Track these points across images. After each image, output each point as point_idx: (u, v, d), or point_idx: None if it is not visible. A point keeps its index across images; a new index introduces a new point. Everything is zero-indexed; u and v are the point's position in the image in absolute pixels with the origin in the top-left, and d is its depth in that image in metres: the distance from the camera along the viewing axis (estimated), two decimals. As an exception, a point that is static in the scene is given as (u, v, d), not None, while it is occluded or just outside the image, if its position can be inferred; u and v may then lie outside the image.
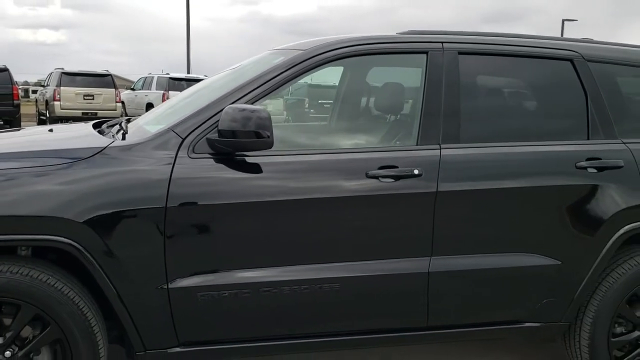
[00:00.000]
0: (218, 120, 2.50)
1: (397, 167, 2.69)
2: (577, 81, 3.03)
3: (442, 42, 2.91)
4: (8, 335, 2.41)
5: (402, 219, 2.73)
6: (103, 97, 17.85)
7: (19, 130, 3.66)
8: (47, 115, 18.13)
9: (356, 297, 2.72)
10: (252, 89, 2.67)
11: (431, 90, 2.83)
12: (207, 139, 2.55)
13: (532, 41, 3.09)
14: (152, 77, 19.81)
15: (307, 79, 2.96)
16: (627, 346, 3.10)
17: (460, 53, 2.91)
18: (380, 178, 2.66)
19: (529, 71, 3.11)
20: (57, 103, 17.14)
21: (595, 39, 3.33)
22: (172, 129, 2.60)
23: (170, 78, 18.72)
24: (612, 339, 3.02)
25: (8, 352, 2.41)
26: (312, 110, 8.47)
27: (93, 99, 17.73)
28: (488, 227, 2.84)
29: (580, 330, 3.03)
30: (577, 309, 2.99)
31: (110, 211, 2.42)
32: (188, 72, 23.04)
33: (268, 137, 2.44)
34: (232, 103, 2.59)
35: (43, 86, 20.92)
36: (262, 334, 2.71)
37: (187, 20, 25.02)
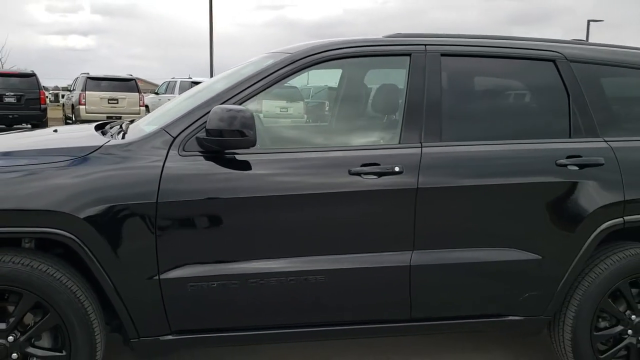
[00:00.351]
0: (207, 120, 2.65)
1: (379, 164, 2.80)
2: (559, 81, 3.11)
3: (425, 45, 3.02)
4: (11, 321, 2.58)
5: (384, 214, 2.84)
6: (127, 101, 18.21)
7: (30, 131, 3.85)
8: (73, 119, 18.58)
9: (340, 289, 2.84)
10: (240, 90, 2.82)
11: (413, 91, 2.94)
12: (197, 138, 2.70)
13: (515, 43, 3.18)
14: (175, 81, 20.18)
15: (327, 82, 3.09)
16: (610, 340, 3.16)
17: (443, 55, 3.02)
18: (362, 175, 2.78)
19: (511, 72, 3.21)
20: (82, 107, 17.56)
21: (622, 39, 3.40)
22: (164, 128, 2.76)
23: (193, 82, 19.01)
24: (595, 333, 3.09)
25: (11, 337, 2.59)
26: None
27: (117, 102, 18.11)
28: (469, 223, 2.93)
29: (563, 324, 3.10)
30: (559, 303, 3.06)
31: (105, 206, 2.58)
32: (211, 76, 23.35)
33: (251, 135, 2.58)
34: (221, 104, 2.73)
35: (70, 91, 21.44)
36: (250, 323, 2.85)
37: (210, 25, 25.37)
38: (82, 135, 3.22)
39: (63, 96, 28.09)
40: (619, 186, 3.00)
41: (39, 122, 16.59)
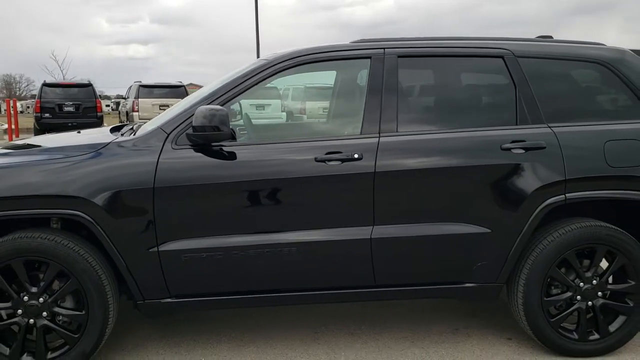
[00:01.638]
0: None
1: (341, 152, 3.28)
2: (507, 75, 3.51)
3: (384, 48, 3.48)
4: (41, 285, 3.20)
5: (346, 194, 3.31)
6: (177, 106, 19.10)
7: (59, 134, 4.52)
8: (128, 125, 19.63)
9: (310, 259, 3.33)
10: (222, 93, 3.37)
11: (373, 89, 3.41)
12: (187, 134, 3.25)
13: (467, 42, 3.59)
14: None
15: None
16: (562, 305, 3.52)
17: (400, 56, 3.47)
18: (326, 162, 3.27)
19: (463, 68, 3.62)
20: (135, 114, 18.58)
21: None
22: (160, 127, 3.33)
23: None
24: (545, 299, 3.46)
25: (41, 299, 3.20)
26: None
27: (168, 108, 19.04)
28: (423, 201, 3.36)
29: (516, 291, 3.49)
30: (509, 271, 3.45)
31: (113, 191, 3.16)
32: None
33: (225, 130, 3.11)
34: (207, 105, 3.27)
35: (124, 98, 22.65)
36: (235, 289, 3.37)
37: (256, 29, 26.20)
38: (97, 135, 3.84)
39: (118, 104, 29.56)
40: (561, 167, 3.37)
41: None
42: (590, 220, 3.46)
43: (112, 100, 45.52)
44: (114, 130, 3.91)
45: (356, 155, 3.27)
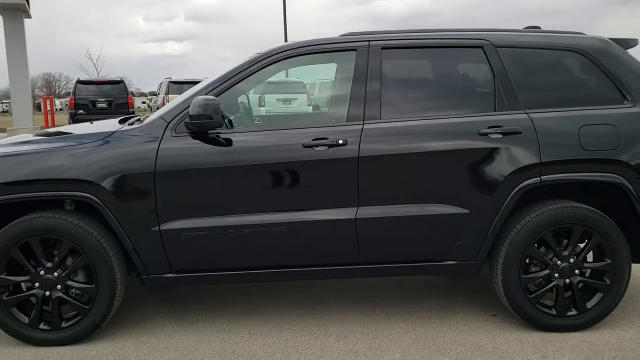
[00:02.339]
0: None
1: (327, 138, 3.54)
2: (486, 64, 3.71)
3: (368, 40, 3.72)
4: (56, 260, 3.54)
5: (332, 177, 3.56)
6: (205, 101, 19.57)
7: (76, 125, 4.87)
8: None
9: (300, 238, 3.59)
10: (217, 85, 3.65)
11: (358, 79, 3.64)
12: (185, 122, 3.54)
13: (449, 34, 3.80)
14: (250, 81, 21.38)
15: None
16: (542, 282, 3.71)
17: (383, 48, 3.70)
18: (313, 147, 3.52)
19: (444, 58, 3.82)
20: (165, 109, 19.05)
21: None
22: (161, 116, 3.64)
23: (265, 82, 20.12)
24: (524, 276, 3.65)
25: (56, 273, 3.54)
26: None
27: (196, 104, 19.51)
28: (404, 183, 3.59)
29: (496, 268, 3.69)
30: (488, 250, 3.66)
31: (118, 175, 3.48)
32: (287, 76, 24.45)
33: (217, 118, 3.39)
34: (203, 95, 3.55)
35: (155, 95, 23.24)
36: (230, 265, 3.66)
37: (284, 23, 26.50)
38: (106, 125, 4.16)
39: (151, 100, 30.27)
40: (536, 151, 3.56)
41: (128, 125, 18.27)
42: (567, 202, 3.64)
43: (148, 97, 46.48)
44: (122, 121, 4.23)
45: (341, 141, 3.52)
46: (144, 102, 46.05)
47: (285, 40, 26.69)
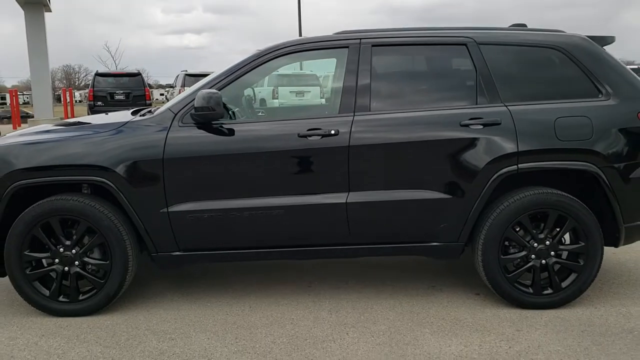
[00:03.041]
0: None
1: (320, 129, 3.85)
2: (469, 60, 3.99)
3: (360, 38, 4.02)
4: (74, 238, 3.90)
5: (325, 164, 3.87)
6: (220, 94, 19.95)
7: (93, 116, 5.24)
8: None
9: (296, 220, 3.91)
10: (220, 79, 3.98)
11: (349, 75, 3.95)
12: (190, 114, 3.88)
13: (434, 32, 4.09)
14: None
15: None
16: (520, 263, 4.00)
17: (374, 45, 4.01)
18: (308, 137, 3.84)
19: (430, 55, 4.12)
20: (181, 101, 19.44)
21: None
22: (169, 108, 3.98)
23: (279, 75, 20.45)
24: (502, 257, 3.95)
25: (74, 250, 3.90)
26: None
27: (212, 96, 19.90)
28: (391, 170, 3.89)
29: (477, 250, 3.99)
30: (469, 232, 3.96)
31: (130, 161, 3.83)
32: (301, 69, 24.74)
33: (218, 109, 3.72)
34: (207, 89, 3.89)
35: (172, 87, 23.68)
36: (232, 244, 3.99)
37: (298, 16, 26.78)
38: (119, 116, 4.52)
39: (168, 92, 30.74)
40: (514, 141, 3.84)
41: (145, 116, 18.71)
42: (543, 188, 3.92)
43: (166, 89, 47.07)
44: (134, 112, 4.58)
45: (333, 131, 3.84)
46: (162, 94, 46.58)
47: (300, 32, 26.99)
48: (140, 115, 4.25)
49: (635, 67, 27.37)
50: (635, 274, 4.68)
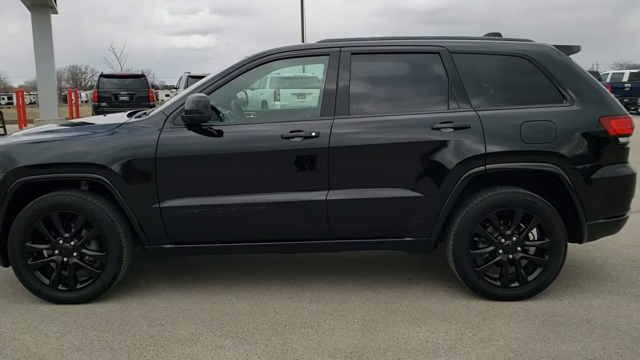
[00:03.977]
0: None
1: (302, 131, 4.14)
2: (442, 68, 4.28)
3: (340, 47, 4.31)
4: (72, 231, 4.20)
5: (306, 164, 4.16)
6: (223, 96, 20.25)
7: (92, 117, 5.55)
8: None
9: (279, 216, 4.20)
10: (209, 84, 4.28)
11: (329, 80, 4.24)
12: (181, 116, 4.18)
13: (410, 41, 4.37)
14: (267, 77, 22.03)
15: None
16: (488, 257, 4.27)
17: (353, 53, 4.30)
18: (290, 139, 4.13)
19: (406, 63, 4.41)
20: (184, 103, 19.74)
21: None
22: (162, 111, 4.28)
23: (281, 77, 20.77)
24: (471, 251, 4.22)
25: (72, 242, 4.20)
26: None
27: (214, 97, 20.21)
28: (368, 170, 4.17)
29: (448, 245, 4.27)
30: (440, 228, 4.23)
31: (125, 160, 4.12)
32: (303, 71, 25.00)
33: (206, 112, 4.02)
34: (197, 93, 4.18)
35: (176, 88, 24.02)
36: (219, 238, 4.28)
37: (301, 18, 27.09)
38: (116, 118, 4.82)
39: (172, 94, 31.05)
40: (482, 143, 4.12)
41: (148, 117, 19.03)
42: (510, 188, 4.20)
43: (171, 90, 47.48)
44: (130, 114, 4.87)
45: (313, 134, 4.12)
46: (167, 95, 47.02)
47: (302, 35, 27.30)
48: (136, 117, 4.54)
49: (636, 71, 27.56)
50: (603, 270, 4.95)
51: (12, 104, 38.27)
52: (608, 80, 28.27)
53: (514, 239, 4.20)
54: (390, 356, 3.43)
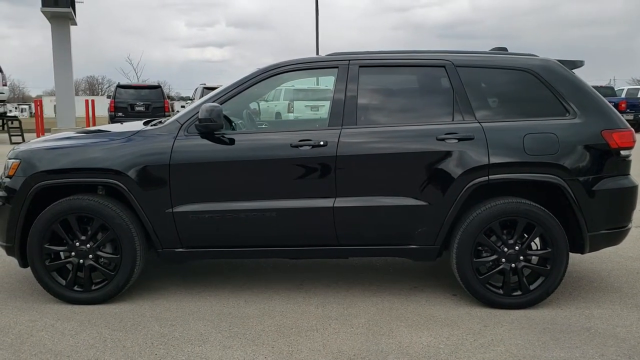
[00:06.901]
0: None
1: (311, 140, 4.29)
2: (447, 81, 4.41)
3: (349, 60, 4.47)
4: (89, 234, 4.36)
5: (314, 172, 4.30)
6: (237, 107, 20.53)
7: (109, 125, 5.74)
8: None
9: (286, 222, 4.34)
10: (222, 94, 4.45)
11: (338, 92, 4.39)
12: (195, 125, 4.34)
13: (416, 54, 4.51)
14: (281, 89, 22.27)
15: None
16: (491, 265, 4.37)
17: (361, 66, 4.44)
18: (299, 147, 4.28)
19: (412, 76, 4.55)
20: (199, 114, 20.02)
21: None
22: (176, 119, 4.45)
23: (295, 89, 20.99)
24: (475, 260, 4.33)
25: (89, 244, 4.37)
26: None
27: (229, 109, 20.48)
28: (374, 179, 4.30)
29: (452, 253, 4.38)
30: (444, 237, 4.35)
31: (140, 166, 4.29)
32: (317, 84, 25.21)
33: (218, 121, 4.18)
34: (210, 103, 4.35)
35: (191, 100, 24.33)
36: (229, 243, 4.42)
37: (316, 32, 27.35)
38: (132, 125, 4.99)
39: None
40: (485, 154, 4.23)
41: (163, 127, 19.32)
42: (513, 198, 4.31)
43: (186, 102, 47.98)
44: (146, 123, 5.05)
45: (322, 143, 4.27)
46: (182, 106, 47.47)
47: (317, 48, 27.57)
48: (152, 125, 4.71)
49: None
50: (606, 281, 5.02)
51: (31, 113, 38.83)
52: (623, 95, 28.15)
53: (517, 248, 4.30)
54: (392, 359, 3.53)
